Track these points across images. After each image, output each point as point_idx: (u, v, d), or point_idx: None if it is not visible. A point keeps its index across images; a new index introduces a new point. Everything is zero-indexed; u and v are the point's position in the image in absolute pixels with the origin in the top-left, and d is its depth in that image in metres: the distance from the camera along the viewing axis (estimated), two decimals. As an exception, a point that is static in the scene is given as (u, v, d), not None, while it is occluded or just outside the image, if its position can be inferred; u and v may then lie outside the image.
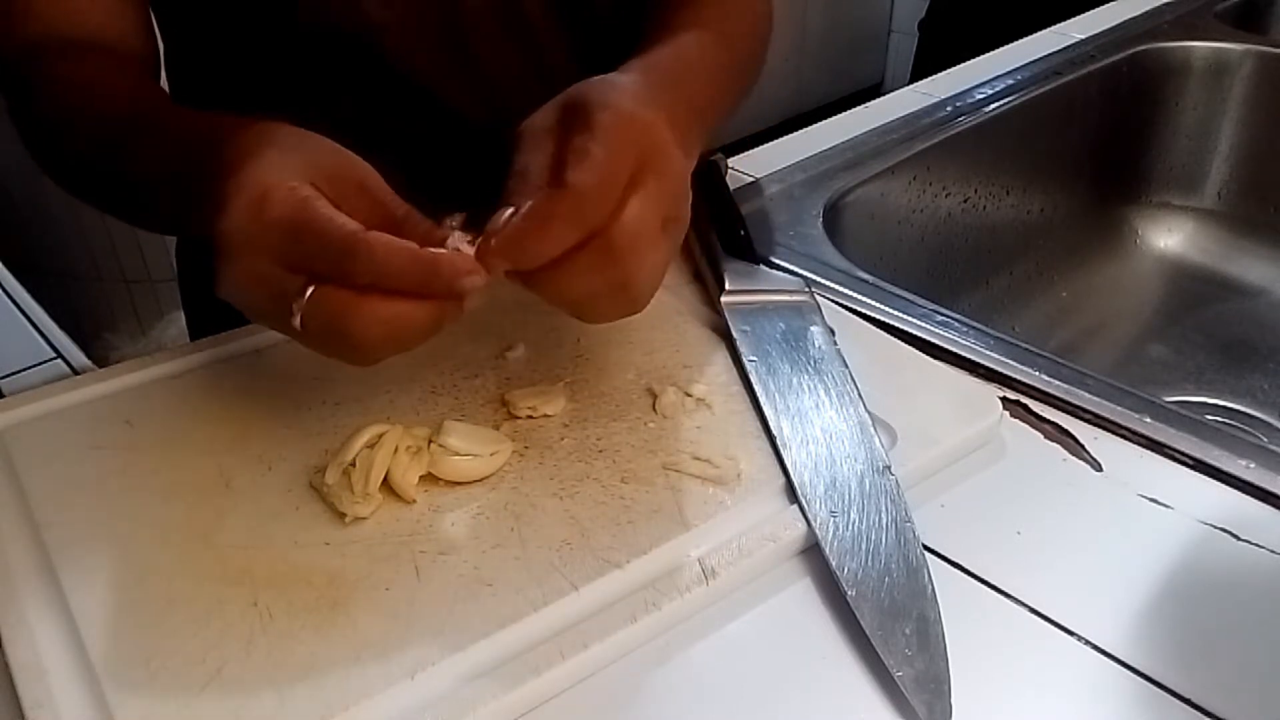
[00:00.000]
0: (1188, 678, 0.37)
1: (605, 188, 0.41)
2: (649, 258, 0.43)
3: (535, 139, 0.44)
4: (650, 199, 0.42)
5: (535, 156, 0.44)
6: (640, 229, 0.42)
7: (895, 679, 0.36)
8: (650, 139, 0.43)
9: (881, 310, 0.58)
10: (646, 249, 0.42)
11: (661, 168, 0.43)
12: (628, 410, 0.49)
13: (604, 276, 0.42)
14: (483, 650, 0.37)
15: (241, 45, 0.63)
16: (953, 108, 0.81)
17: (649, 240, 0.42)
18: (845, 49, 2.87)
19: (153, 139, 0.49)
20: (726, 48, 0.57)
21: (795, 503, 0.43)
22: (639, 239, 0.42)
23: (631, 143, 0.42)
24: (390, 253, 0.38)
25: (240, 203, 0.39)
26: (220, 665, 0.37)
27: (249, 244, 0.39)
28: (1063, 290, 0.89)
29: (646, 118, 0.43)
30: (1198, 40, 0.90)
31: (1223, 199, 0.92)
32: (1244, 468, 0.46)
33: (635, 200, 0.42)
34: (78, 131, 0.54)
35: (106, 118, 0.53)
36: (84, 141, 0.53)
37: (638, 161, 0.42)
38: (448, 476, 0.45)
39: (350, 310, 0.39)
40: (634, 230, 0.42)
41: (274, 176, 0.40)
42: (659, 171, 0.42)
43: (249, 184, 0.40)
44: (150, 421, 0.49)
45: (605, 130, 0.42)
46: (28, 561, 0.41)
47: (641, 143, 0.42)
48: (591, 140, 0.41)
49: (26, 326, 1.50)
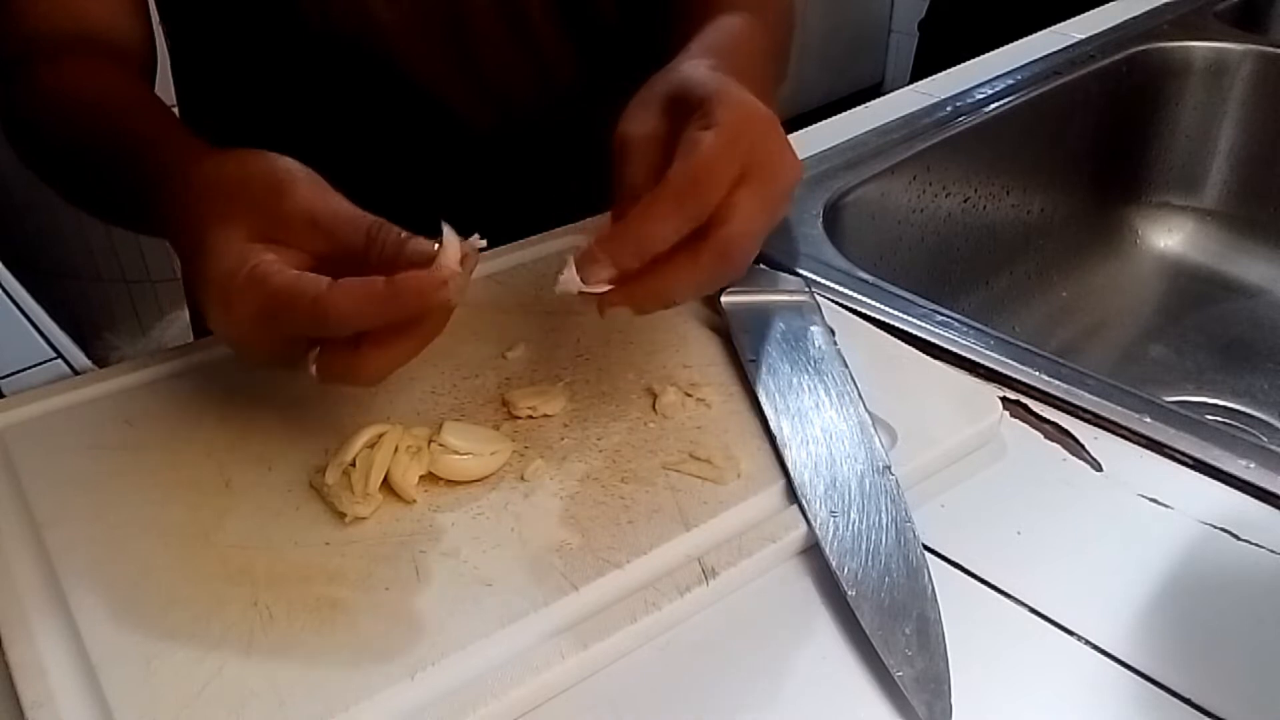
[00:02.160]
0: (1188, 678, 0.37)
1: (712, 183, 0.41)
2: (751, 253, 0.43)
3: (641, 145, 0.44)
4: (758, 195, 0.42)
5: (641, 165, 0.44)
6: (748, 226, 0.42)
7: (895, 679, 0.36)
8: (769, 135, 0.43)
9: (881, 310, 0.58)
10: (750, 245, 0.43)
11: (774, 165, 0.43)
12: (628, 410, 0.49)
13: (714, 274, 0.42)
14: (483, 650, 0.37)
15: (246, 47, 0.63)
16: (953, 108, 0.81)
17: (754, 237, 0.43)
18: (845, 49, 2.87)
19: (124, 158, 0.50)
20: (769, 34, 0.57)
21: (795, 503, 0.43)
22: (746, 236, 0.42)
23: (749, 140, 0.42)
24: (356, 301, 0.38)
25: (211, 299, 0.41)
26: (220, 665, 0.37)
27: (235, 333, 0.41)
28: (1063, 290, 0.89)
29: (766, 114, 0.43)
30: (1198, 40, 0.90)
31: (1223, 199, 0.92)
32: (1244, 468, 0.46)
33: (744, 196, 0.42)
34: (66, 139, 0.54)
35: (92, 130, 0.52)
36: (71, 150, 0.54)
37: (751, 157, 0.42)
38: (448, 476, 0.45)
39: (354, 363, 0.40)
40: (743, 228, 0.42)
41: (228, 260, 0.40)
42: (772, 168, 0.43)
43: (211, 280, 0.40)
44: (150, 421, 0.49)
45: (725, 125, 0.42)
46: (28, 561, 0.41)
47: (759, 140, 0.42)
48: (706, 135, 0.41)
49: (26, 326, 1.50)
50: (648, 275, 0.42)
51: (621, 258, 0.41)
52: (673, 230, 0.41)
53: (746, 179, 0.42)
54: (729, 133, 0.41)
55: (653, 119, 0.45)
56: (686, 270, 0.42)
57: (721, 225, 0.41)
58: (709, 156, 0.41)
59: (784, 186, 0.44)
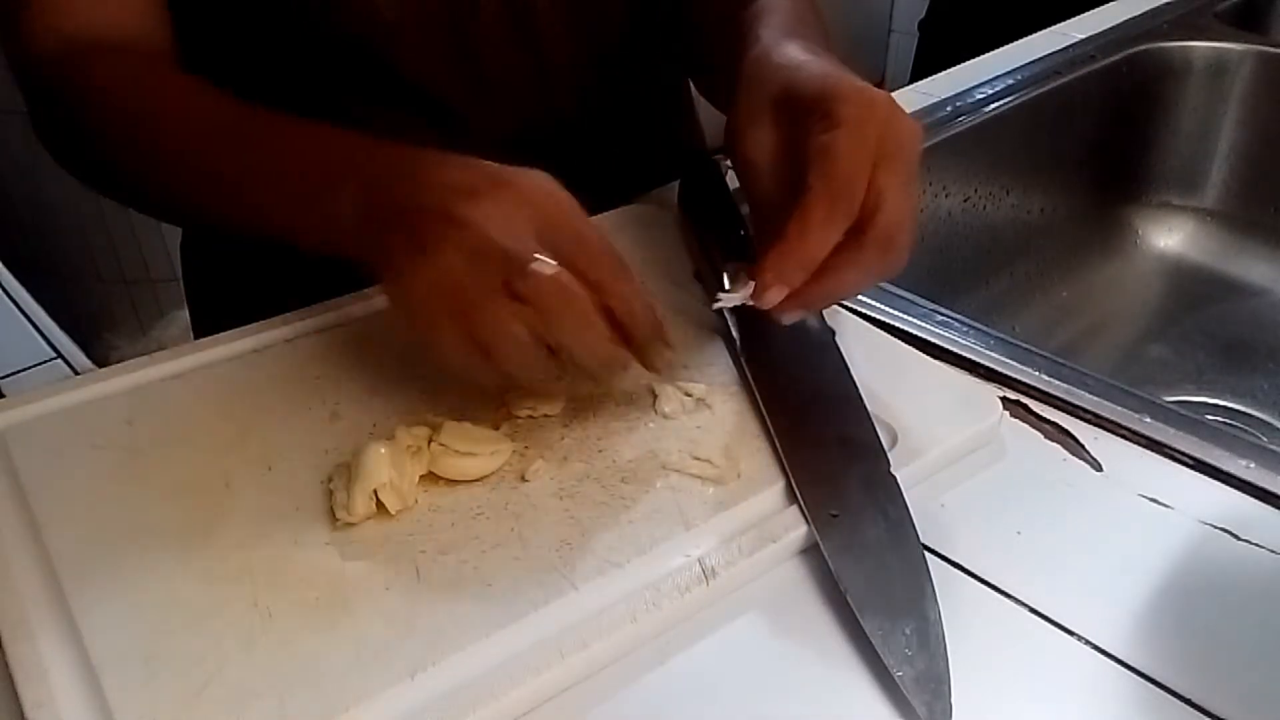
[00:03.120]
0: (1188, 678, 0.37)
1: (854, 181, 0.42)
2: (911, 232, 0.44)
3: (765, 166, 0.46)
4: (898, 175, 0.43)
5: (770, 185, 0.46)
6: (901, 210, 0.43)
7: (895, 679, 0.36)
8: (888, 115, 0.44)
9: (881, 310, 0.58)
10: (910, 224, 0.44)
11: (902, 140, 0.44)
12: (628, 410, 0.49)
13: (881, 262, 0.44)
14: (483, 650, 0.37)
15: (250, 47, 0.63)
16: (953, 108, 0.81)
17: (910, 215, 0.44)
18: (845, 49, 2.85)
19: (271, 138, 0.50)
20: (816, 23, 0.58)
21: (795, 503, 0.43)
22: (904, 219, 0.43)
23: (874, 127, 0.43)
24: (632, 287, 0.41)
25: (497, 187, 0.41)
26: (220, 665, 0.37)
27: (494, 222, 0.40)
28: (1063, 290, 0.89)
29: (879, 95, 0.44)
30: (1198, 40, 0.90)
31: (1223, 199, 0.92)
32: (1244, 468, 0.46)
33: (889, 182, 0.43)
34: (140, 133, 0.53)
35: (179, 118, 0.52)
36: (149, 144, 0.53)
37: (879, 142, 0.43)
38: (448, 475, 0.45)
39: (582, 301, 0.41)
40: (898, 213, 0.43)
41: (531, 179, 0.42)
42: (899, 144, 0.44)
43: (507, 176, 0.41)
44: (150, 421, 0.49)
45: (848, 121, 0.43)
46: (28, 561, 0.41)
47: (881, 122, 0.43)
48: (835, 137, 0.43)
49: (26, 326, 1.50)
50: (817, 280, 0.44)
51: (793, 277, 0.44)
52: (831, 238, 0.43)
53: (882, 163, 0.43)
54: (855, 126, 0.43)
55: (768, 133, 0.47)
56: (854, 267, 0.44)
57: (876, 215, 0.43)
58: (845, 157, 0.42)
59: (913, 157, 0.45)
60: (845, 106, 0.43)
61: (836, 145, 0.42)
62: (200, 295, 0.77)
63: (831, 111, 0.43)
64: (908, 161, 0.44)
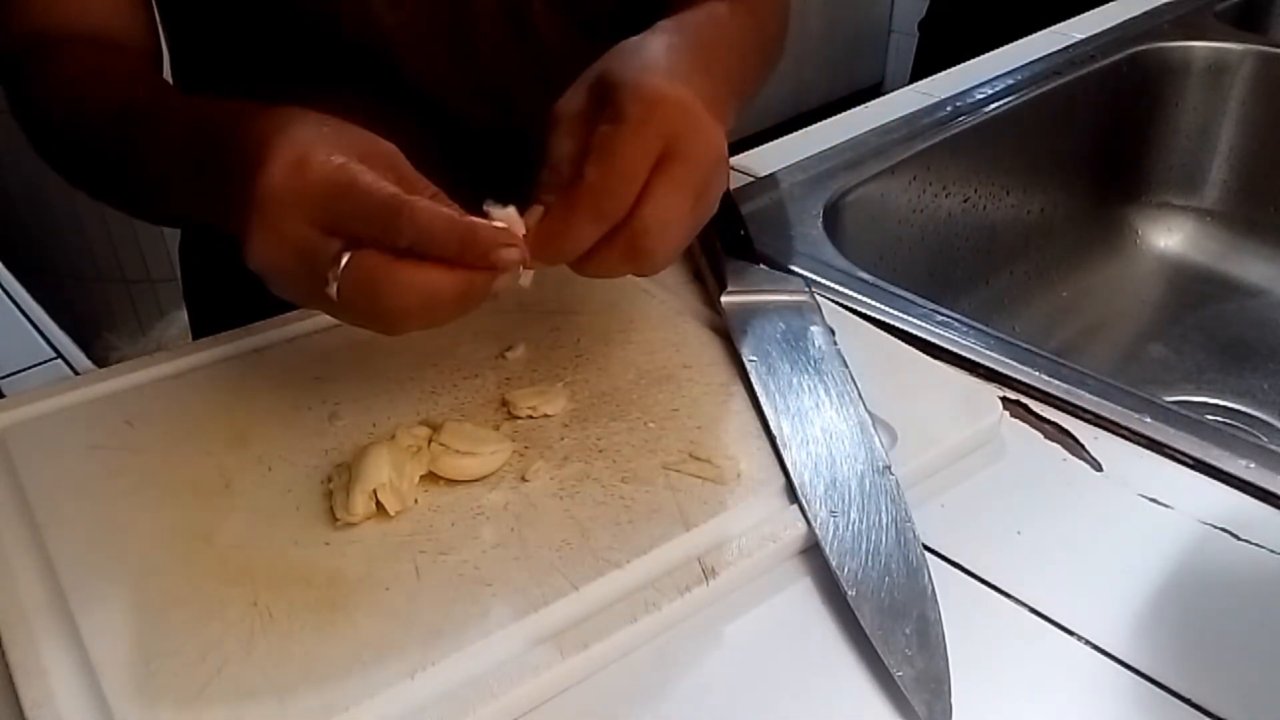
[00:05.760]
0: (1188, 678, 0.37)
1: (625, 182, 0.42)
2: (673, 239, 0.43)
3: (568, 124, 0.45)
4: (676, 182, 0.43)
5: (566, 144, 0.45)
6: (665, 215, 0.43)
7: (895, 679, 0.36)
8: (680, 118, 0.43)
9: (881, 310, 0.58)
10: (671, 232, 0.43)
11: (689, 147, 0.43)
12: (628, 410, 0.49)
13: (630, 262, 0.43)
14: (483, 650, 0.37)
15: (248, 49, 0.63)
16: (953, 108, 0.81)
17: (675, 224, 0.43)
18: (845, 49, 2.87)
19: (164, 125, 0.49)
20: (756, 26, 0.57)
21: (795, 503, 0.43)
22: (665, 226, 0.43)
23: (658, 127, 0.42)
24: (431, 217, 0.39)
25: (279, 164, 0.39)
26: (220, 665, 0.37)
27: (287, 205, 0.39)
28: (1063, 290, 0.89)
29: (677, 96, 0.43)
30: (1198, 40, 0.90)
31: (1223, 199, 0.92)
32: (1244, 468, 0.46)
33: (660, 186, 0.42)
34: (80, 122, 0.54)
35: (111, 107, 0.52)
36: (88, 132, 0.53)
37: (666, 144, 0.42)
38: (448, 475, 0.45)
39: (386, 275, 0.39)
40: (659, 218, 0.42)
41: (313, 143, 0.40)
42: (688, 151, 0.43)
43: (288, 146, 0.40)
44: (150, 421, 0.49)
45: (631, 119, 0.42)
46: (28, 561, 0.41)
47: (671, 124, 0.43)
48: (616, 131, 0.42)
49: (26, 326, 1.50)
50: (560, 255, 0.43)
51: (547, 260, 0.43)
52: (591, 234, 0.42)
53: (662, 166, 0.42)
54: (638, 125, 0.42)
55: (582, 100, 0.46)
56: (598, 260, 0.43)
57: (630, 219, 0.42)
58: (620, 155, 0.42)
59: (703, 165, 0.44)
60: (635, 105, 0.42)
61: (613, 142, 0.42)
62: (199, 295, 0.77)
63: (622, 107, 0.43)
64: (693, 170, 0.43)
